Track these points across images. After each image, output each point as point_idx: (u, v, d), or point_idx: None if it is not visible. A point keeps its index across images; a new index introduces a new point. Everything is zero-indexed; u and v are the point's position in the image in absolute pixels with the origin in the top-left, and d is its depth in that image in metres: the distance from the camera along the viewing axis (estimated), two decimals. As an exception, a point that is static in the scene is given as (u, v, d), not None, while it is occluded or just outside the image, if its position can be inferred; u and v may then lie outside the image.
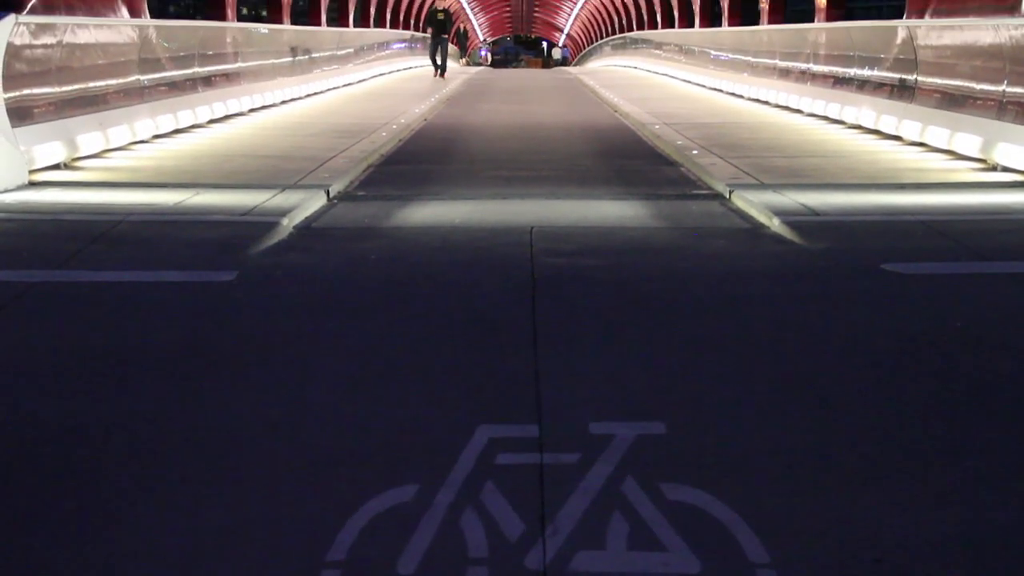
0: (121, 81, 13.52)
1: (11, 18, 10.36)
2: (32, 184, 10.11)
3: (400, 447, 4.14)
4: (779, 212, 8.67)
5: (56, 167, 11.00)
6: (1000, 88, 11.44)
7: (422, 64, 36.86)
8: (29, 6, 11.28)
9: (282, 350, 5.36)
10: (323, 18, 31.94)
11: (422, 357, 5.24)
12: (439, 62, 31.28)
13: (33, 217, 8.69)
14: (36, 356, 5.25)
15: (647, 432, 4.25)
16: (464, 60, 54.52)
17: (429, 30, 32.62)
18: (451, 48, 55.68)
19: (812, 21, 22.17)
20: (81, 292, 6.49)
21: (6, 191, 9.65)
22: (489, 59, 73.57)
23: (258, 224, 8.33)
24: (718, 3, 33.73)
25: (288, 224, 8.45)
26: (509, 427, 4.30)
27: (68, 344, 5.43)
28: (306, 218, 8.91)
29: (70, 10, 12.38)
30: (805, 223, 8.35)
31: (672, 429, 4.29)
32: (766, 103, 20.34)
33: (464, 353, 5.31)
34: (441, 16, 31.96)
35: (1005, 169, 10.88)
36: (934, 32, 13.90)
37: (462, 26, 58.35)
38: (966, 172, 11.11)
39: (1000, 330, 5.67)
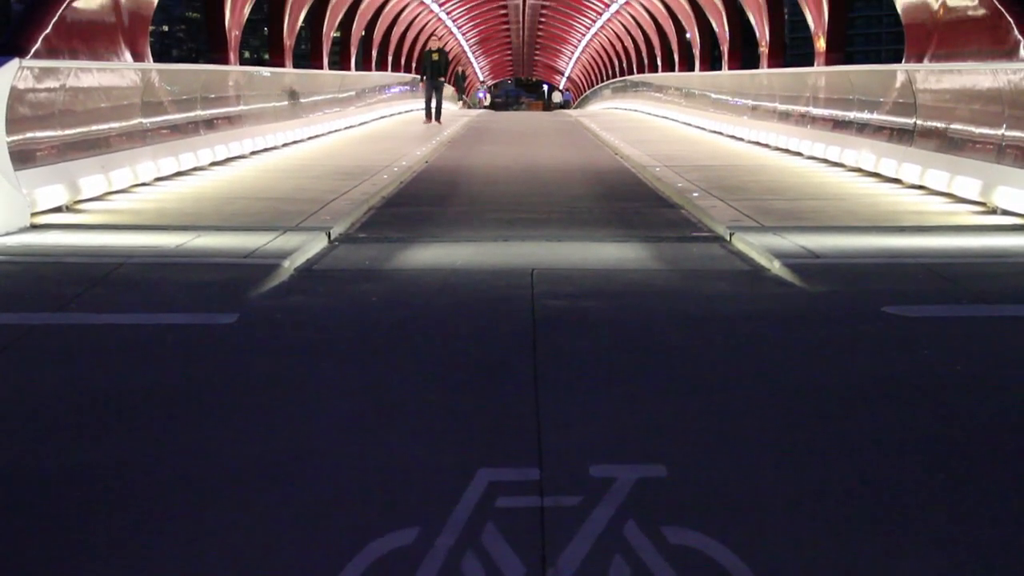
0: (124, 124, 13.58)
1: (15, 62, 10.42)
2: (34, 227, 10.13)
3: (401, 490, 4.13)
4: (780, 255, 8.68)
5: (58, 209, 11.04)
6: (999, 132, 11.48)
7: (424, 107, 37.06)
8: (33, 50, 11.34)
9: (283, 392, 5.35)
10: (325, 61, 32.08)
11: (423, 399, 5.23)
12: (434, 106, 29.28)
13: (34, 259, 8.70)
14: (35, 399, 5.24)
15: (648, 475, 4.23)
16: (462, 103, 54.43)
17: (423, 71, 30.15)
18: (449, 91, 55.88)
19: (812, 65, 22.27)
20: (82, 335, 6.48)
21: (8, 233, 9.67)
22: (487, 100, 73.33)
23: (259, 266, 8.34)
24: (718, 47, 33.91)
25: (289, 266, 8.46)
26: (510, 470, 4.29)
27: (67, 387, 5.42)
28: (307, 260, 8.92)
29: (73, 54, 12.44)
30: (806, 266, 8.35)
31: (673, 472, 4.28)
32: (766, 146, 20.41)
33: (465, 395, 5.30)
34: (436, 57, 29.37)
35: (1005, 212, 10.90)
36: (933, 76, 13.97)
37: (460, 68, 58.45)
38: (966, 215, 11.14)
39: (1002, 374, 5.66)
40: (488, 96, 75.77)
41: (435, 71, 28.96)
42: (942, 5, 14.62)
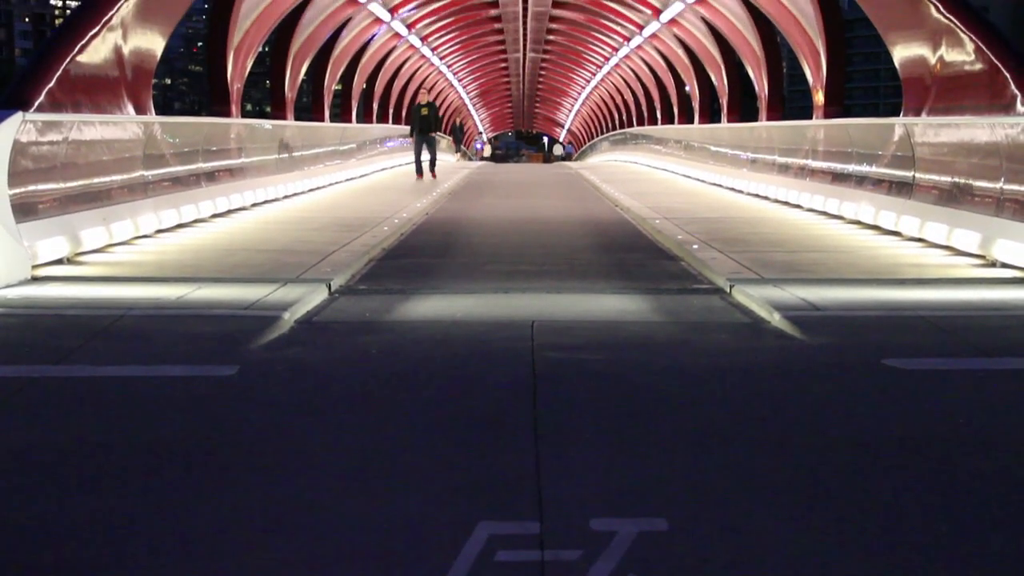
0: (125, 177, 13.64)
1: (18, 116, 10.48)
2: (35, 279, 10.15)
3: (400, 543, 4.11)
4: (780, 307, 8.69)
5: (59, 262, 11.06)
6: (997, 185, 11.53)
7: (425, 159, 37.15)
8: (36, 104, 11.40)
9: (282, 445, 5.34)
10: (326, 114, 32.25)
11: (423, 452, 5.22)
12: (427, 160, 28.01)
13: (35, 312, 8.71)
14: (32, 452, 5.22)
15: (649, 529, 4.22)
16: (458, 155, 54.47)
17: (412, 125, 28.45)
18: (447, 143, 56.03)
19: (810, 118, 22.39)
20: (81, 387, 6.48)
21: (8, 286, 9.68)
22: (486, 152, 73.19)
23: (259, 318, 8.35)
24: (717, 100, 34.10)
25: (289, 318, 8.47)
26: (510, 523, 4.27)
27: (65, 440, 5.41)
28: (307, 312, 8.93)
29: (77, 107, 12.51)
30: (806, 318, 8.36)
31: (675, 526, 4.26)
32: (765, 198, 20.48)
33: (465, 448, 5.29)
34: (425, 111, 27.85)
35: (1004, 265, 10.92)
36: (931, 129, 14.05)
37: (458, 119, 58.59)
38: (965, 268, 11.16)
39: (1003, 427, 5.65)
40: (487, 147, 75.67)
41: (424, 126, 27.70)
42: (939, 60, 14.72)
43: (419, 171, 27.87)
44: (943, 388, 6.46)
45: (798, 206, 18.34)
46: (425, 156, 28.02)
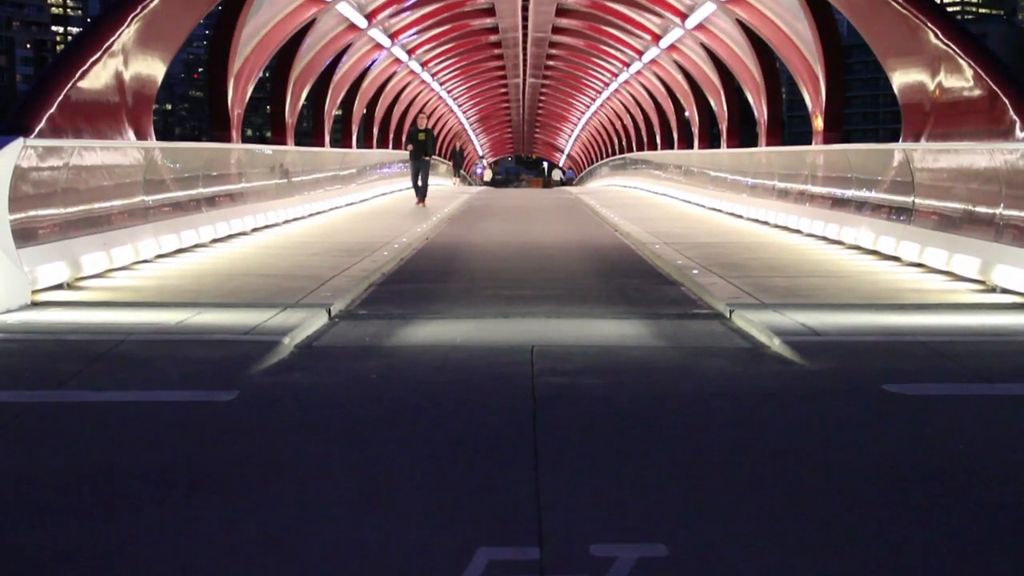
0: (126, 202, 13.66)
1: (19, 142, 10.50)
2: (35, 304, 10.14)
3: (400, 569, 4.10)
4: (780, 332, 8.69)
5: (59, 287, 11.06)
6: (997, 211, 11.54)
7: (430, 183, 37.10)
8: (37, 129, 11.43)
9: (282, 471, 5.33)
10: (327, 139, 32.32)
11: (422, 478, 5.21)
12: (420, 186, 27.96)
13: (34, 337, 8.71)
14: (31, 478, 5.21)
15: (649, 554, 4.21)
16: (456, 179, 54.46)
17: (409, 147, 28.39)
18: (445, 168, 56.04)
19: (810, 143, 22.44)
20: (80, 413, 6.47)
21: (8, 311, 9.68)
22: (487, 176, 72.94)
23: (259, 343, 8.35)
24: (716, 125, 34.19)
25: (289, 343, 8.46)
26: (510, 549, 4.26)
27: (63, 466, 5.40)
28: (307, 337, 8.93)
29: (77, 133, 12.54)
30: (806, 343, 8.36)
31: (675, 552, 4.25)
32: (765, 223, 20.51)
33: (465, 474, 5.28)
34: (423, 136, 27.86)
35: (1004, 291, 10.92)
36: (930, 155, 14.08)
37: (458, 144, 58.61)
38: (965, 293, 11.16)
39: (1004, 453, 5.64)
40: (488, 171, 75.36)
41: (420, 150, 27.73)
42: (939, 86, 14.77)
43: (418, 194, 27.95)
44: (944, 414, 6.45)
45: (798, 231, 18.36)
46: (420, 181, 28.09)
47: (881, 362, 7.78)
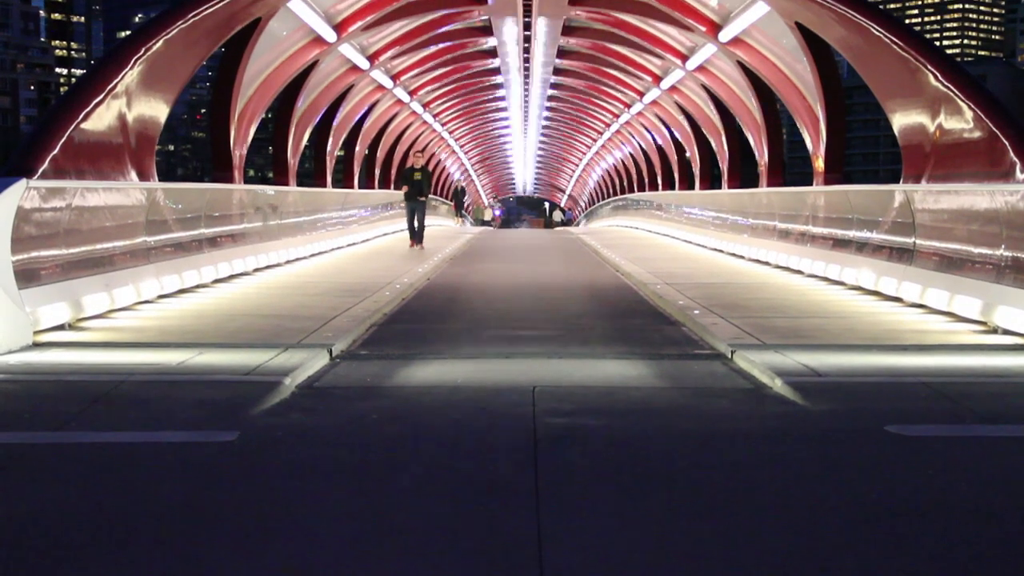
0: (128, 243, 13.69)
1: (22, 183, 10.53)
2: (36, 345, 10.15)
3: (400, 613, 4.08)
4: (781, 373, 8.68)
5: (61, 327, 11.06)
6: (998, 252, 11.56)
7: (431, 224, 37.11)
8: (40, 171, 11.47)
9: (282, 511, 5.31)
10: (328, 179, 32.40)
11: (423, 519, 5.20)
12: (417, 229, 26.41)
13: (35, 378, 8.71)
14: (31, 520, 5.19)
15: (651, 598, 4.18)
16: (459, 220, 54.44)
17: (404, 188, 26.57)
18: (447, 208, 56.08)
19: (810, 184, 22.49)
20: (81, 454, 6.46)
21: (10, 352, 9.68)
22: (487, 215, 72.71)
23: (260, 384, 8.34)
24: (717, 165, 34.28)
25: (290, 383, 8.46)
26: (511, 593, 4.24)
27: (63, 508, 5.38)
28: (308, 377, 8.92)
29: (80, 174, 12.58)
30: (808, 384, 8.35)
31: (677, 595, 4.23)
32: (766, 263, 20.53)
33: (466, 515, 5.27)
34: (418, 176, 26.26)
35: (1006, 332, 10.92)
36: (931, 196, 14.11)
37: (459, 184, 58.63)
38: (967, 334, 11.15)
39: (1007, 495, 5.62)
40: (488, 210, 75.10)
41: (416, 191, 26.14)
42: (939, 127, 14.82)
43: (413, 236, 26.59)
44: (946, 455, 6.44)
45: (799, 272, 18.37)
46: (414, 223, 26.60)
47: (883, 403, 7.77)
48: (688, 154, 39.74)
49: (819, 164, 21.98)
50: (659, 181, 47.13)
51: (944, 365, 9.33)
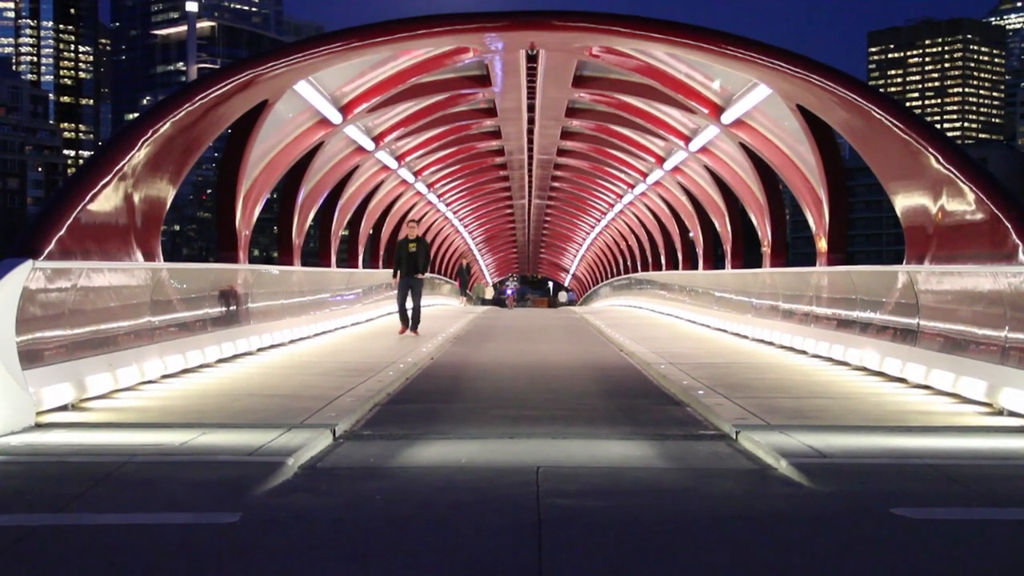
0: (132, 323, 13.70)
1: (28, 264, 10.57)
2: (39, 425, 10.12)
3: None
4: (786, 454, 8.65)
5: (64, 408, 11.04)
6: (1002, 333, 11.55)
7: (432, 303, 37.19)
8: (46, 251, 11.52)
9: (284, 596, 5.27)
10: (333, 259, 32.50)
11: (426, 604, 5.16)
12: (410, 309, 22.96)
13: (38, 459, 8.68)
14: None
15: None
16: (464, 299, 54.38)
17: (397, 266, 23.16)
18: (449, 287, 56.09)
19: (814, 264, 22.54)
20: (82, 536, 6.42)
21: (12, 433, 9.66)
22: (488, 294, 72.35)
23: (263, 464, 8.32)
24: (721, 245, 34.39)
25: (293, 464, 8.44)
26: None
27: (67, 589, 5.35)
28: (311, 458, 8.90)
29: (86, 254, 12.64)
30: (813, 465, 8.31)
31: None
32: (770, 343, 20.50)
33: (469, 600, 5.23)
34: (413, 248, 22.82)
35: (1011, 414, 10.88)
36: (934, 277, 14.13)
37: (464, 261, 58.59)
38: (972, 416, 11.11)
39: (1015, 577, 5.58)
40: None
41: (411, 265, 22.72)
42: (941, 209, 14.90)
43: (404, 320, 23.03)
44: (954, 539, 6.39)
45: (803, 352, 18.35)
46: (409, 303, 23.02)
47: (889, 485, 7.73)
48: (692, 234, 39.88)
49: (822, 244, 22.04)
50: (663, 260, 47.25)
51: (950, 447, 9.29)
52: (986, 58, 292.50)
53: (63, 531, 6.52)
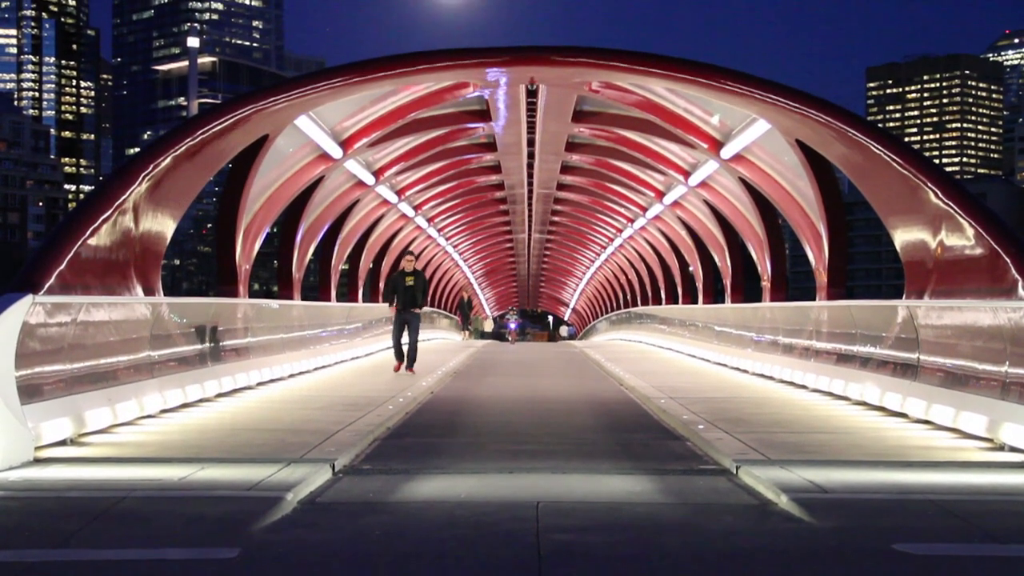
0: (132, 357, 13.69)
1: (28, 299, 10.57)
2: (37, 460, 10.10)
3: None
4: (787, 489, 8.63)
5: (63, 443, 11.01)
6: (1002, 368, 11.55)
7: (432, 337, 37.10)
8: (47, 286, 11.53)
9: (283, 632, 5.25)
10: (333, 293, 32.52)
11: (426, 640, 5.13)
12: (406, 345, 21.74)
13: (36, 495, 8.65)
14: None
15: None
16: (466, 333, 54.28)
17: (393, 301, 21.85)
18: (449, 320, 55.99)
19: (813, 298, 22.56)
20: (81, 572, 6.40)
21: (11, 468, 9.63)
22: (487, 326, 72.00)
23: (262, 499, 8.30)
24: (720, 280, 34.43)
25: (293, 499, 8.41)
26: None
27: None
28: (311, 492, 8.88)
29: (86, 289, 12.65)
30: (813, 500, 8.29)
31: None
32: (770, 378, 20.48)
33: (469, 636, 5.20)
34: (410, 281, 21.59)
35: (1012, 449, 10.86)
36: (934, 312, 14.13)
37: (465, 295, 58.54)
38: (973, 451, 11.09)
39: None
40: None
41: (409, 300, 21.53)
42: (940, 244, 14.92)
43: (399, 356, 21.92)
44: (954, 574, 6.37)
45: (803, 386, 18.32)
46: (405, 339, 21.82)
47: (889, 520, 7.71)
48: (691, 268, 39.93)
49: (822, 279, 22.07)
50: (662, 295, 47.29)
51: (951, 482, 9.27)
52: (984, 94, 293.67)
53: (62, 567, 6.50)
